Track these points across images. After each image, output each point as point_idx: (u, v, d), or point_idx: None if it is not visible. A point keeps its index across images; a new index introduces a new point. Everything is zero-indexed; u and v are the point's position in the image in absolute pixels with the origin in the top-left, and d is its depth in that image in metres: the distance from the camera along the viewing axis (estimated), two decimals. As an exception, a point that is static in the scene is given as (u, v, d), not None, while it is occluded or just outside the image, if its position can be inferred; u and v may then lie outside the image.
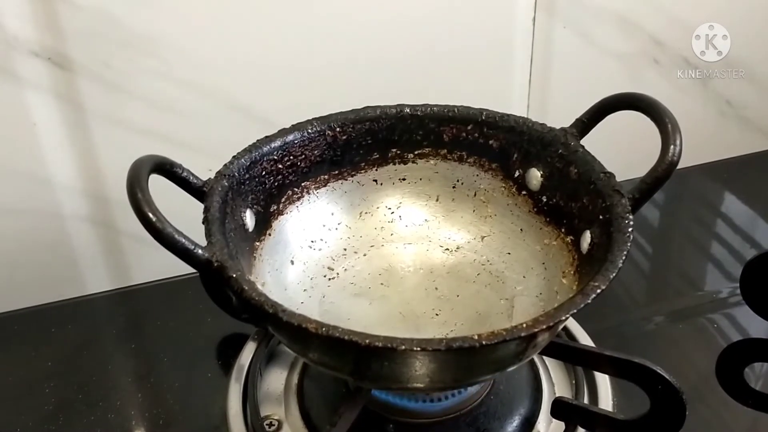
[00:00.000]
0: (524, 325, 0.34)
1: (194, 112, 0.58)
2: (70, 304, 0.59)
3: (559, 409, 0.45)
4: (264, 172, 0.47)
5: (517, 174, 0.50)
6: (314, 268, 0.50)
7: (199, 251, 0.37)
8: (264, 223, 0.47)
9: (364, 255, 0.51)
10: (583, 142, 0.47)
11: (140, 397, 0.51)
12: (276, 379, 0.50)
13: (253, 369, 0.49)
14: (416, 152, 0.52)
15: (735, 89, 0.77)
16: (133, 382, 0.52)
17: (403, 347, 0.33)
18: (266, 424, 0.46)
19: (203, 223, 0.40)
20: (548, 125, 0.48)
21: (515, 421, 0.46)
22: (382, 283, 0.49)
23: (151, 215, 0.35)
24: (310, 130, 0.49)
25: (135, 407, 0.50)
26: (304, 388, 0.49)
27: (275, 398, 0.48)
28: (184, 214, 0.41)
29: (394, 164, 0.53)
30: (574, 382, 0.49)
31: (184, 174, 0.42)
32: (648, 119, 0.42)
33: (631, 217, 0.40)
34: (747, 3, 0.72)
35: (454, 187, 0.53)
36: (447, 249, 0.52)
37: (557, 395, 0.48)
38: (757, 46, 0.75)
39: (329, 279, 0.49)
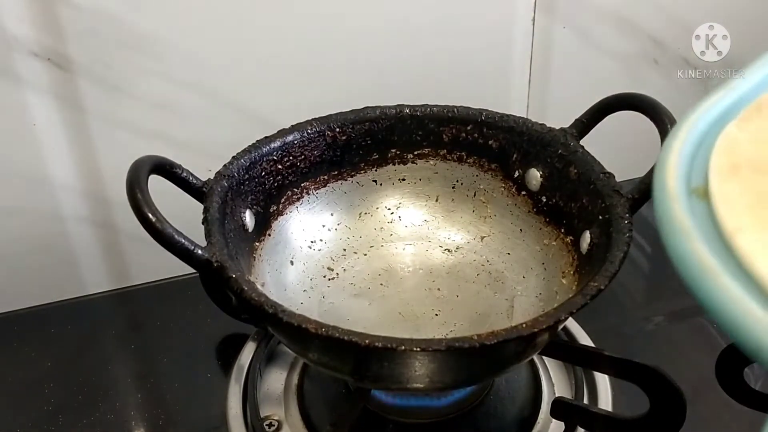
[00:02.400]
0: (524, 325, 0.34)
1: (194, 112, 0.58)
2: (70, 304, 0.59)
3: (559, 409, 0.45)
4: (263, 173, 0.47)
5: (516, 174, 0.50)
6: (314, 268, 0.50)
7: (199, 251, 0.37)
8: (264, 224, 0.47)
9: (364, 255, 0.51)
10: (583, 142, 0.47)
11: (140, 397, 0.51)
12: (276, 380, 0.50)
13: (252, 369, 0.49)
14: (416, 153, 0.52)
15: (735, 89, 0.77)
16: (133, 382, 0.52)
17: (403, 347, 0.33)
18: (266, 425, 0.46)
19: (203, 223, 0.40)
20: (548, 125, 0.48)
21: (515, 421, 0.46)
22: (381, 284, 0.49)
23: (150, 215, 0.36)
24: (309, 131, 0.49)
25: (135, 407, 0.50)
26: (304, 388, 0.49)
27: (275, 398, 0.48)
28: (184, 215, 0.41)
29: (394, 165, 0.53)
30: (573, 382, 0.49)
31: (184, 174, 0.42)
32: (648, 119, 0.42)
33: (630, 217, 0.40)
34: (747, 3, 0.72)
35: (453, 188, 0.53)
36: (447, 249, 0.52)
37: (557, 395, 0.48)
38: (757, 46, 0.75)
39: (329, 279, 0.49)
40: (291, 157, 0.48)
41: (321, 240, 0.51)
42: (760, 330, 0.18)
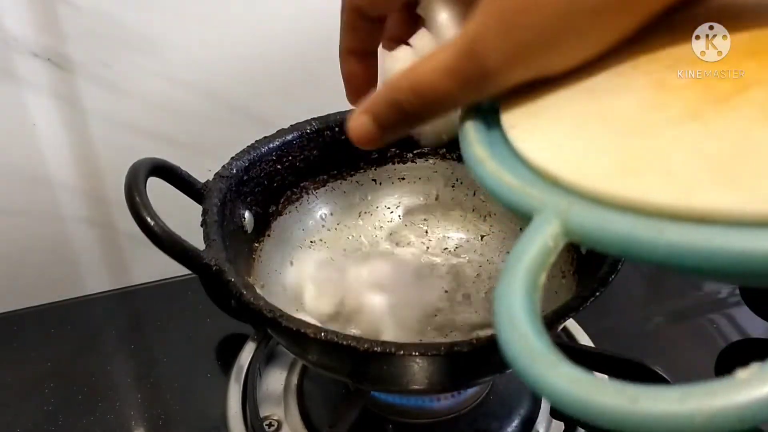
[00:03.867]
0: (523, 328, 0.34)
1: (193, 112, 0.58)
2: (70, 304, 0.59)
3: (559, 409, 0.45)
4: (263, 173, 0.47)
5: (516, 174, 0.50)
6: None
7: (198, 255, 0.37)
8: (263, 224, 0.47)
9: (364, 255, 0.51)
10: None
11: (140, 397, 0.51)
12: (275, 380, 0.50)
13: (252, 369, 0.49)
14: (415, 151, 0.52)
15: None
16: (133, 382, 0.52)
17: (402, 352, 0.33)
18: (266, 425, 0.46)
19: (202, 225, 0.40)
20: (548, 125, 0.48)
21: (515, 421, 0.46)
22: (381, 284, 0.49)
23: (149, 219, 0.36)
24: (308, 131, 0.49)
25: (135, 407, 0.50)
26: (304, 388, 0.49)
27: (275, 398, 0.48)
28: (183, 216, 0.41)
29: (393, 163, 0.52)
30: (573, 382, 0.49)
31: (182, 176, 0.42)
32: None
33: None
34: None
35: (453, 186, 0.53)
36: (446, 248, 0.52)
37: (557, 395, 0.48)
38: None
39: (329, 279, 0.49)
40: (290, 157, 0.48)
41: (320, 240, 0.51)
42: (508, 191, 0.24)
